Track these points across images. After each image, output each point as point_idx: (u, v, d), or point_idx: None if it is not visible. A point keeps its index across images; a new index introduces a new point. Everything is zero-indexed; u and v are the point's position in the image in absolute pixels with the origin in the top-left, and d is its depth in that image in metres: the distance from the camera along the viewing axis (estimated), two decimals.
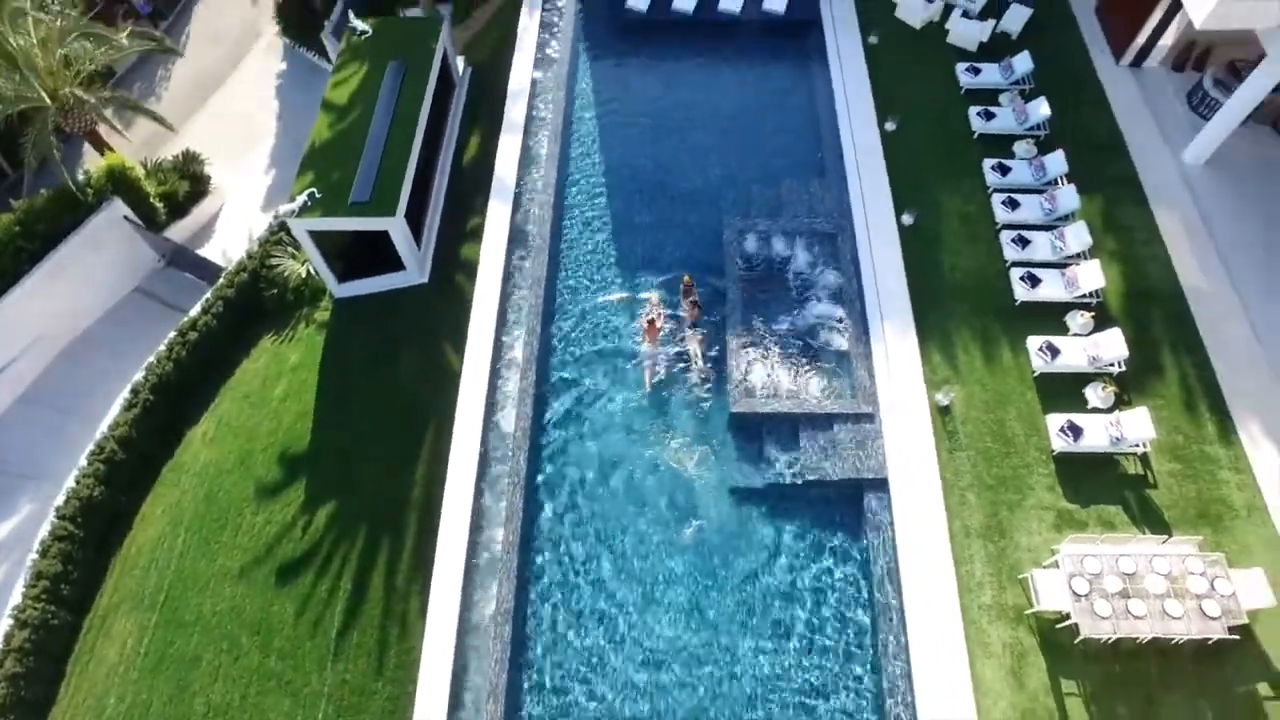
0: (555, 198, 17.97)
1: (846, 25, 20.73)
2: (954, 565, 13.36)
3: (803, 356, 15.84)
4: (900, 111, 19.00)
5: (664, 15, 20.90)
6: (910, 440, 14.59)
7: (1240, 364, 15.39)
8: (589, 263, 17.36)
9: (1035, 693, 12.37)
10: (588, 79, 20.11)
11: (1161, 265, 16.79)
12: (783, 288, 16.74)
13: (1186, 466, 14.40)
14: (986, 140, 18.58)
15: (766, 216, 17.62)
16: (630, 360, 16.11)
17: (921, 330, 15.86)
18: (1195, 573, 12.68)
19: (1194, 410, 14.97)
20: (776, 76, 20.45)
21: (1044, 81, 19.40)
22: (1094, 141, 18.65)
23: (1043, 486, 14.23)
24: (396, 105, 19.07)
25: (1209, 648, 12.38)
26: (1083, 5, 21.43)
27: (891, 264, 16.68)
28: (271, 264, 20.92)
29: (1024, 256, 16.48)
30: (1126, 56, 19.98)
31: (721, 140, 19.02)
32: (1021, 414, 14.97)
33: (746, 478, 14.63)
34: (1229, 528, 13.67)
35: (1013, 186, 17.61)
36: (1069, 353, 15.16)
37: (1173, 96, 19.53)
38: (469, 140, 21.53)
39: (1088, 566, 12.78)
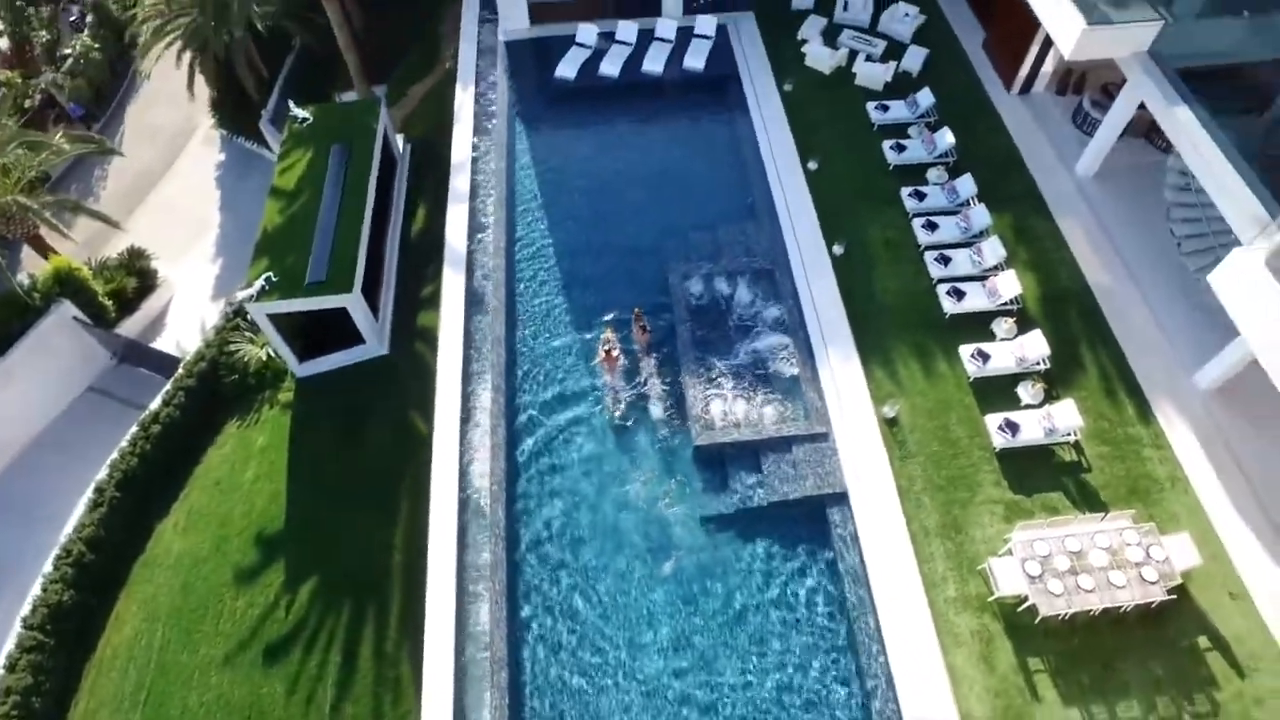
0: (506, 260, 18.80)
1: (762, 76, 22.28)
2: (917, 564, 14.25)
3: (756, 386, 16.77)
4: (820, 151, 20.44)
5: (592, 81, 22.13)
6: (864, 453, 15.56)
7: (1147, 349, 16.85)
8: (545, 316, 18.15)
9: (1005, 674, 13.22)
10: (526, 146, 21.14)
11: (1069, 268, 18.33)
12: (730, 325, 17.72)
13: (1114, 448, 15.66)
14: (901, 170, 20.09)
15: (708, 260, 18.68)
16: (595, 404, 16.84)
17: (862, 350, 16.96)
18: (1132, 544, 13.79)
19: (1114, 396, 16.32)
20: (703, 129, 21.78)
21: (946, 113, 21.10)
22: (997, 163, 20.29)
23: (989, 482, 15.29)
24: (343, 185, 19.80)
25: (1152, 610, 13.44)
26: (972, 43, 23.41)
27: (828, 293, 17.86)
28: (230, 350, 21.24)
29: (947, 273, 17.83)
30: (1015, 86, 21.89)
31: (658, 192, 20.12)
32: (962, 418, 16.10)
33: (717, 506, 15.37)
34: (1157, 499, 14.90)
35: (930, 210, 19.08)
36: (998, 357, 16.42)
37: (1060, 118, 21.43)
38: (415, 212, 22.34)
39: (1038, 550, 13.77)
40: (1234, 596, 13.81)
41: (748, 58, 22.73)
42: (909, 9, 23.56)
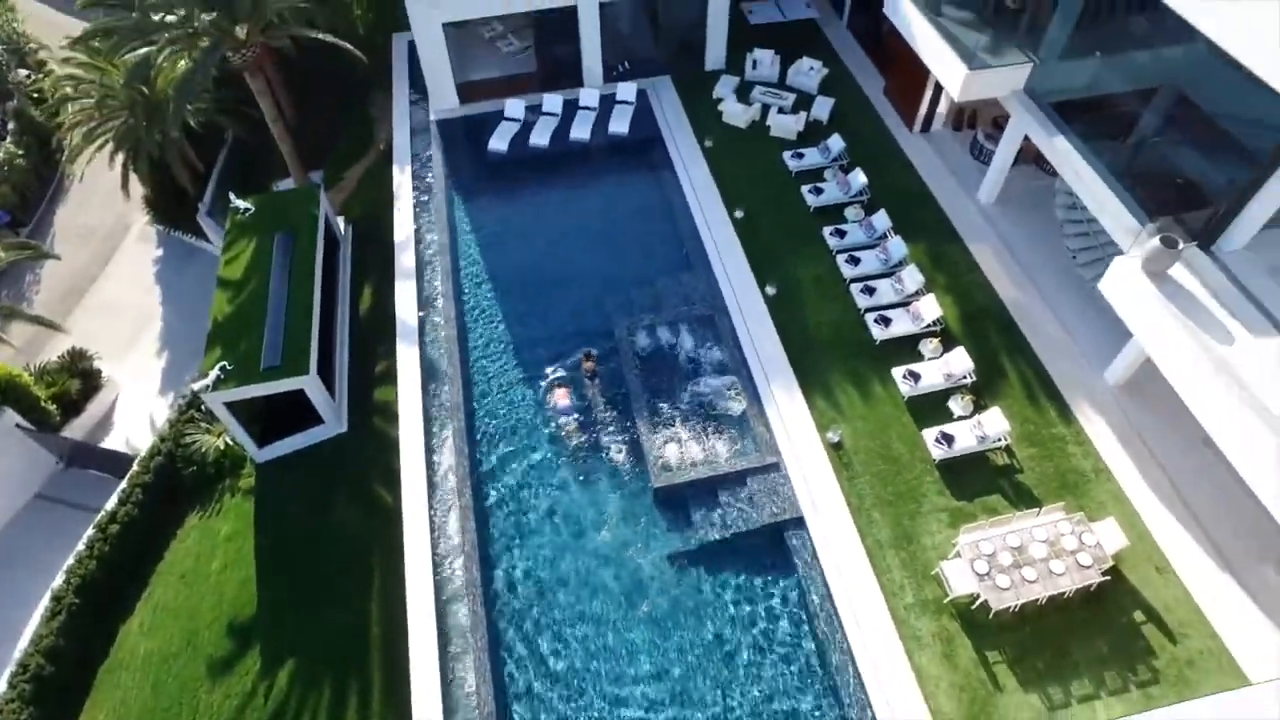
0: (458, 329, 19.47)
1: (684, 135, 23.71)
2: (876, 576, 15.13)
3: (707, 426, 17.66)
4: (745, 200, 21.80)
5: (524, 152, 23.18)
6: (814, 478, 16.51)
7: (1059, 354, 18.33)
8: (500, 379, 18.80)
9: (967, 669, 14.09)
10: (466, 218, 22.00)
11: (983, 287, 19.84)
12: (677, 370, 18.63)
13: (1041, 448, 16.93)
14: (821, 211, 21.53)
15: (650, 311, 19.65)
16: (557, 459, 17.48)
17: (803, 382, 18.02)
18: (1066, 534, 14.92)
19: (1036, 400, 17.67)
20: (633, 188, 22.97)
21: (857, 155, 22.75)
22: (907, 197, 21.91)
23: (933, 492, 16.36)
24: (290, 271, 20.34)
25: (1091, 592, 14.52)
26: (874, 90, 25.34)
27: (765, 331, 18.97)
28: (186, 442, 21.31)
29: (873, 303, 19.15)
30: (916, 126, 23.76)
31: (597, 252, 21.12)
32: (902, 435, 17.21)
33: (681, 543, 16.06)
34: (1084, 490, 16.15)
35: (851, 246, 20.49)
36: (928, 375, 17.67)
37: (959, 151, 23.30)
38: (362, 291, 22.93)
39: (983, 550, 14.79)
40: (1160, 570, 15.03)
41: (668, 119, 24.18)
42: (813, 63, 25.43)
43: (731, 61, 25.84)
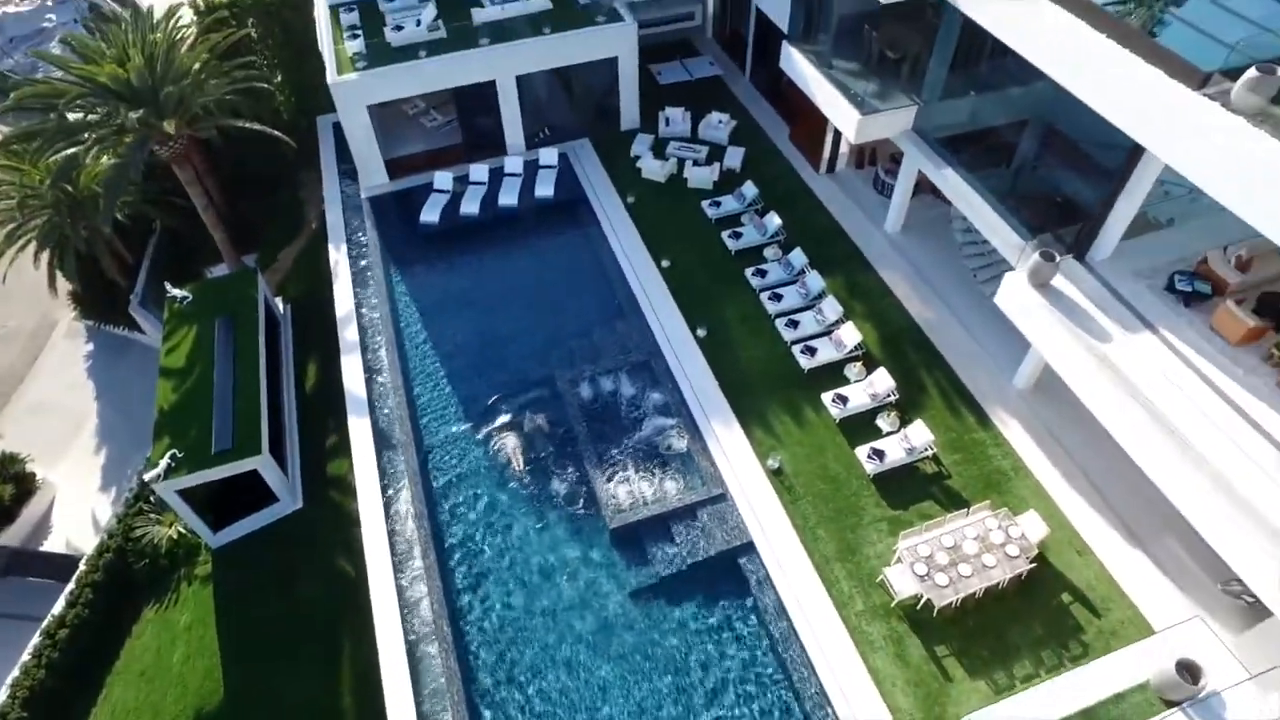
0: (406, 396, 20.01)
1: (607, 193, 24.97)
2: (826, 589, 16.08)
3: (654, 465, 18.52)
4: (670, 250, 23.04)
5: (455, 221, 24.06)
6: (760, 504, 17.47)
7: (972, 365, 19.87)
8: (452, 439, 19.37)
9: (918, 665, 15.05)
10: (405, 289, 22.67)
11: (897, 310, 21.38)
12: (620, 415, 19.52)
13: (965, 454, 18.28)
14: (742, 254, 22.91)
15: (590, 362, 20.58)
16: (515, 510, 18.06)
17: (740, 415, 19.08)
18: (994, 529, 16.17)
19: (955, 410, 19.09)
20: (563, 247, 24.01)
21: (770, 199, 24.32)
22: (820, 234, 23.50)
23: (871, 505, 17.49)
24: (234, 354, 20.67)
25: (1022, 580, 15.73)
26: (780, 137, 27.13)
27: (700, 371, 20.04)
28: (137, 535, 21.15)
29: (798, 335, 20.45)
30: (822, 167, 25.56)
31: (534, 310, 21.93)
32: (837, 455, 18.36)
33: (642, 579, 16.78)
34: (1006, 488, 17.50)
35: (772, 284, 21.85)
36: (854, 397, 18.94)
37: (863, 187, 25.12)
38: (307, 368, 23.28)
39: (921, 552, 15.90)
40: (1080, 553, 16.37)
41: (591, 179, 25.45)
42: (721, 117, 27.13)
43: (645, 120, 27.37)
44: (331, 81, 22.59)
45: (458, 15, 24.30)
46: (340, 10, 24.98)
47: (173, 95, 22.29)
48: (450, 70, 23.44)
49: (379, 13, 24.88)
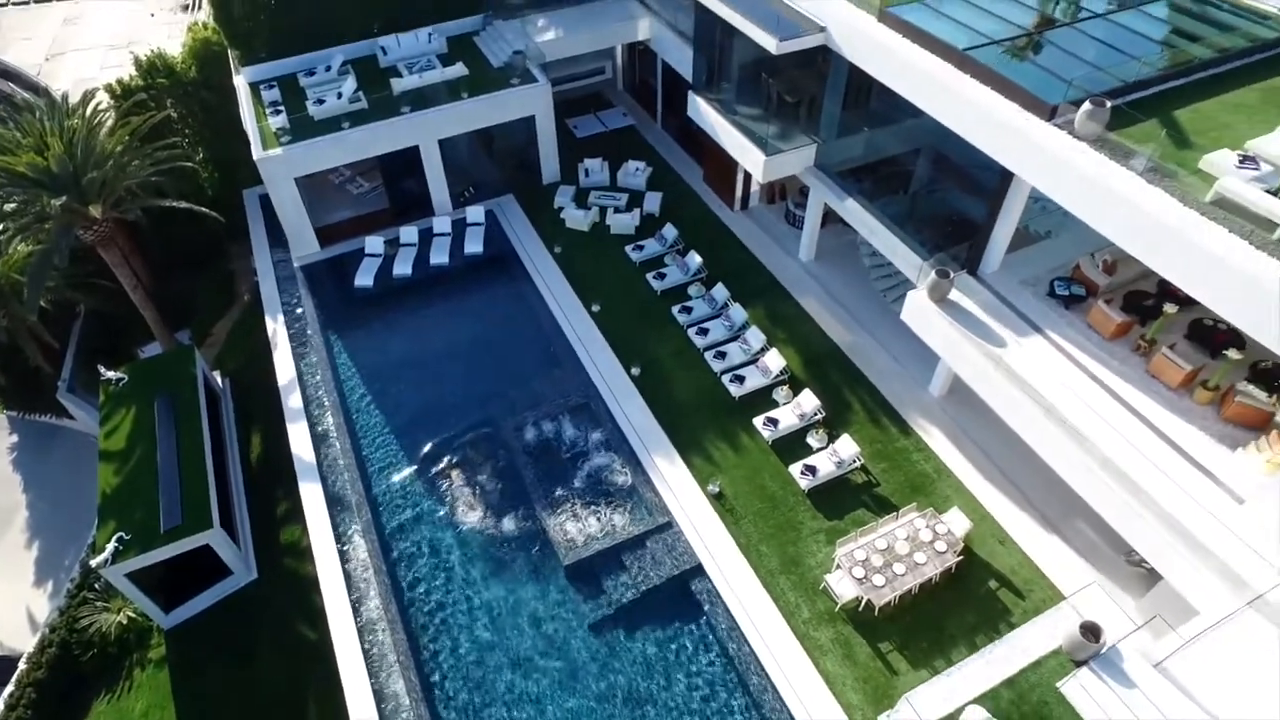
0: (355, 458, 20.38)
1: (534, 245, 25.96)
2: (773, 601, 17.03)
3: (601, 501, 19.29)
4: (599, 295, 24.06)
5: (390, 283, 24.62)
6: (704, 528, 18.39)
7: (890, 378, 21.33)
8: (405, 496, 19.79)
9: (865, 663, 16.05)
10: (345, 353, 23.05)
11: (817, 334, 22.79)
12: (565, 457, 20.29)
13: (891, 462, 19.59)
14: (667, 293, 24.10)
15: (531, 409, 21.33)
16: (473, 559, 18.55)
17: (679, 445, 20.06)
18: (922, 528, 17.41)
19: (878, 422, 20.45)
20: (496, 301, 24.72)
21: (690, 239, 25.65)
22: (740, 268, 24.90)
23: (808, 518, 18.59)
24: (176, 431, 20.74)
25: (953, 572, 16.97)
26: (694, 179, 28.64)
27: (638, 408, 20.98)
28: (82, 626, 20.82)
29: (726, 365, 21.62)
30: (736, 205, 27.11)
31: (473, 363, 22.60)
32: (773, 475, 19.46)
33: (599, 611, 17.46)
34: (931, 489, 18.84)
35: (698, 320, 23.06)
36: (784, 419, 20.14)
37: (776, 221, 26.73)
38: (251, 439, 23.40)
39: (857, 557, 17.01)
40: (1002, 542, 17.73)
41: (518, 232, 26.42)
42: (638, 164, 28.52)
43: (566, 172, 28.55)
44: (258, 157, 23.13)
45: (377, 86, 25.19)
46: (260, 87, 25.60)
47: (96, 180, 22.49)
48: (374, 139, 24.25)
49: (299, 88, 25.56)
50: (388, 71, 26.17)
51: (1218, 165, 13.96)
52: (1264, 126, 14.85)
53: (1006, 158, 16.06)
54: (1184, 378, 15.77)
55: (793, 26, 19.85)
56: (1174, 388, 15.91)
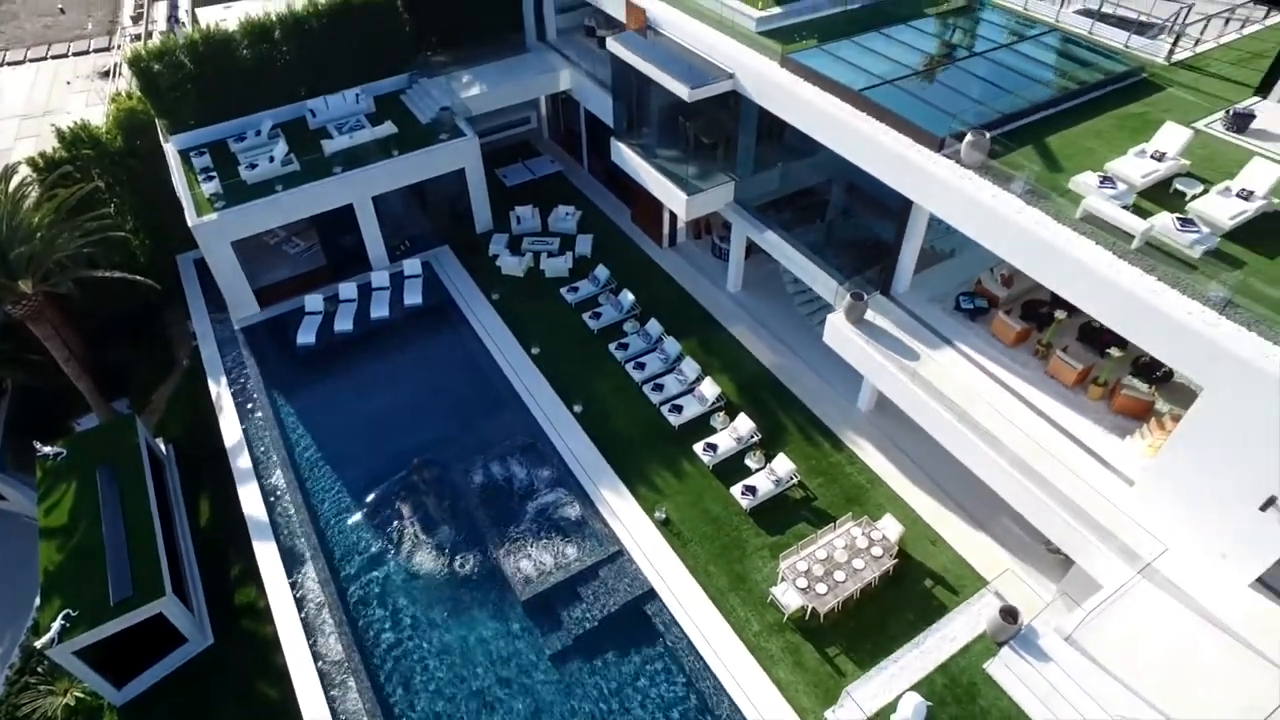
0: (309, 514, 20.58)
1: (472, 293, 26.67)
2: (724, 617, 17.84)
3: (553, 536, 19.91)
4: (538, 338, 24.85)
5: (332, 338, 24.93)
6: (654, 554, 19.16)
7: (821, 398, 22.58)
8: (361, 547, 20.06)
9: (815, 668, 16.93)
10: (292, 411, 23.24)
11: (749, 360, 23.98)
12: (514, 495, 20.88)
13: (826, 476, 20.72)
14: (603, 332, 25.04)
15: (479, 452, 21.90)
16: (433, 602, 18.90)
17: (624, 477, 20.84)
18: (859, 536, 18.49)
19: (812, 440, 21.61)
20: (439, 349, 25.26)
21: (622, 277, 26.73)
22: (671, 302, 26.04)
23: (752, 536, 19.52)
24: (121, 502, 20.62)
25: (891, 575, 18.06)
26: (623, 220, 29.80)
27: (582, 443, 21.74)
28: (24, 714, 20.26)
29: (664, 396, 22.58)
30: (664, 242, 28.34)
31: (419, 412, 23.04)
32: (716, 498, 20.37)
33: (559, 642, 18.00)
34: (865, 499, 20.01)
35: (635, 355, 24.03)
36: (723, 444, 21.13)
37: (703, 255, 28.03)
38: (199, 504, 23.30)
39: (800, 569, 17.98)
40: (934, 543, 18.94)
41: (455, 282, 27.12)
42: (568, 209, 29.60)
43: (498, 221, 29.43)
44: (193, 223, 23.41)
45: (309, 148, 25.78)
46: (191, 154, 25.91)
47: (23, 255, 22.44)
48: (309, 200, 24.77)
49: (230, 153, 25.97)
50: (318, 133, 26.77)
51: (1083, 186, 15.61)
52: (1118, 150, 16.69)
53: (904, 187, 17.56)
54: (1077, 376, 17.33)
55: (703, 75, 21.28)
56: (1070, 386, 17.47)
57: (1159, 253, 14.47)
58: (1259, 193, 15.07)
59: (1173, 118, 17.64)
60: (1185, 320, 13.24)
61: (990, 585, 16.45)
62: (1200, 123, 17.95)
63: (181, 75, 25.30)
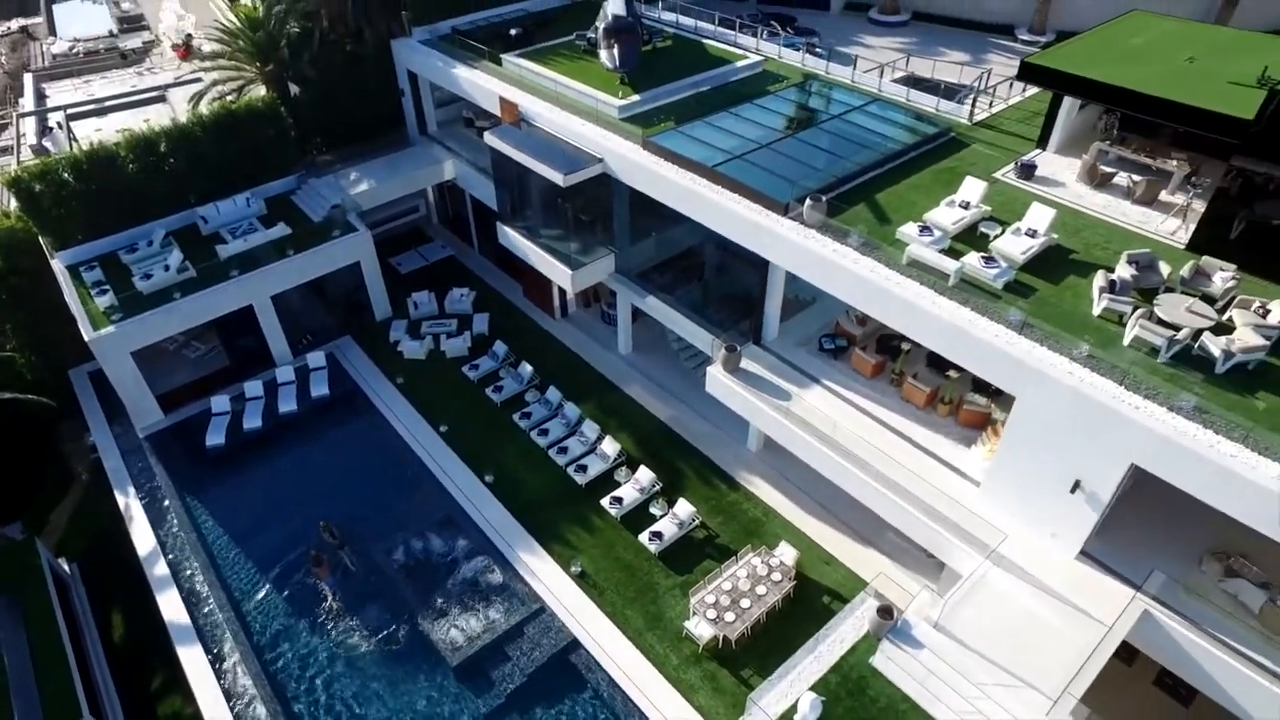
0: (234, 611, 20.74)
1: (377, 379, 27.59)
2: (644, 655, 19.14)
3: (477, 600, 20.85)
4: (445, 416, 25.94)
5: (242, 437, 25.29)
6: (573, 606, 20.34)
7: (715, 444, 24.51)
8: (292, 634, 20.38)
9: (733, 691, 18.33)
10: (207, 513, 23.32)
11: (645, 415, 25.73)
12: (438, 567, 21.75)
13: (725, 514, 22.51)
14: (507, 403, 26.40)
15: (399, 529, 22.69)
16: (370, 677, 19.40)
17: (539, 537, 22.03)
18: (759, 565, 20.24)
19: (709, 482, 23.43)
20: (350, 436, 25.89)
21: (519, 350, 28.24)
22: (568, 369, 27.70)
23: (663, 578, 20.99)
24: (26, 632, 20.18)
25: (792, 596, 19.81)
26: (516, 296, 31.44)
27: (496, 511, 22.85)
28: None
29: (569, 458, 24.01)
30: (556, 314, 30.13)
31: (336, 498, 23.55)
32: (626, 547, 21.80)
33: (491, 702, 18.84)
34: (762, 530, 21.86)
35: (538, 422, 25.45)
36: (628, 496, 22.66)
37: (594, 322, 29.93)
38: (111, 619, 22.96)
39: (709, 601, 19.50)
40: (827, 563, 20.88)
41: (360, 370, 28.02)
42: (462, 290, 31.05)
43: (397, 308, 30.56)
44: (90, 337, 23.59)
45: (204, 254, 26.40)
46: (81, 269, 26.08)
47: None
48: (208, 305, 25.35)
49: (123, 265, 26.24)
50: (212, 238, 27.35)
51: (907, 235, 18.32)
52: (935, 201, 19.60)
53: (759, 248, 19.98)
54: (927, 398, 19.85)
55: (575, 161, 23.46)
56: (921, 407, 19.96)
57: (971, 287, 17.16)
58: (1041, 230, 18.08)
59: (976, 170, 20.89)
60: (994, 342, 15.82)
61: (868, 588, 18.34)
62: (998, 173, 21.24)
63: (65, 193, 25.62)
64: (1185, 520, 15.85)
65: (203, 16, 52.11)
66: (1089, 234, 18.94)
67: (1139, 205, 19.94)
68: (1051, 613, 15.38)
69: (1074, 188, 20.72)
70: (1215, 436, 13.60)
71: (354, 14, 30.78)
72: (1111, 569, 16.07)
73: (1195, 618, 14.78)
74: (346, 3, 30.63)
